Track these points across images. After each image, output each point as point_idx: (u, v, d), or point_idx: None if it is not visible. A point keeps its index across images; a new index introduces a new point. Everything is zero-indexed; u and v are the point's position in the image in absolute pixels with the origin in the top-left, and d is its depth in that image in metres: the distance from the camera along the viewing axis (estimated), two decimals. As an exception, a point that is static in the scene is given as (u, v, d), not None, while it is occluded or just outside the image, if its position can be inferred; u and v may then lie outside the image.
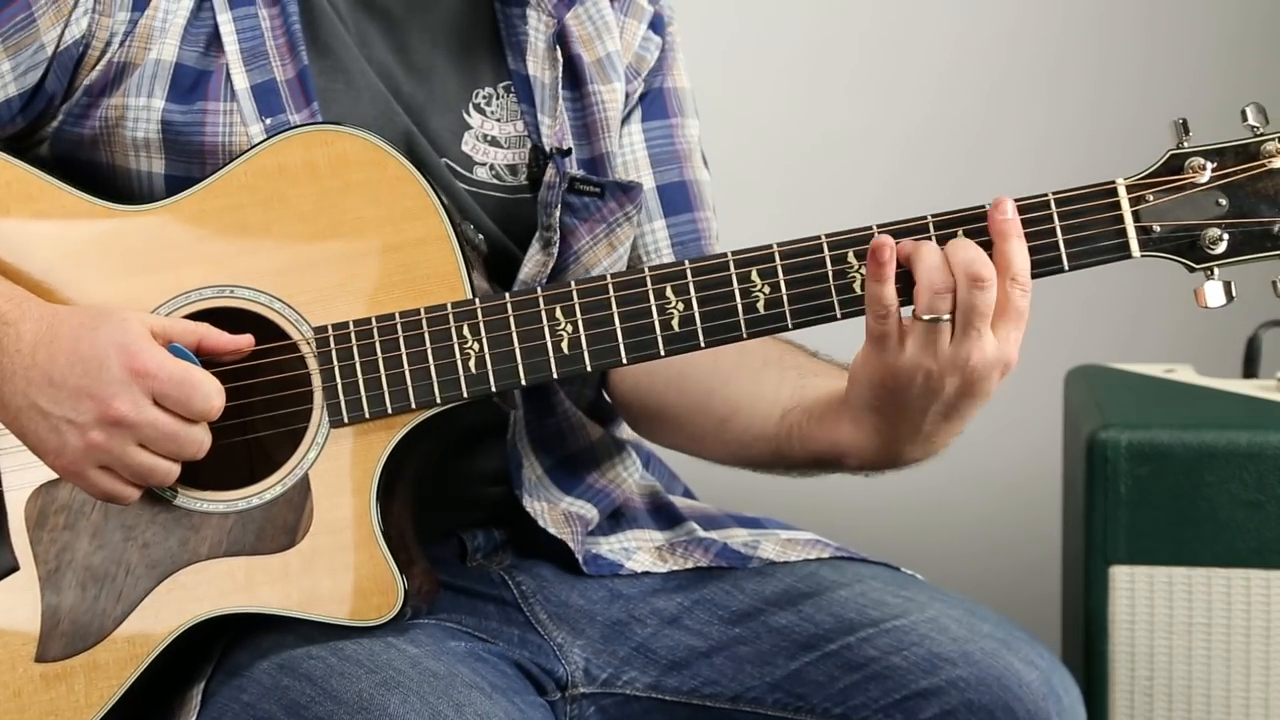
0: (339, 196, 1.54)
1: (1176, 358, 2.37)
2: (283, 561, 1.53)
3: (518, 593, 1.69)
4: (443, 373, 1.53)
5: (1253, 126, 1.50)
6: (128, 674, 1.54)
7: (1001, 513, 2.80)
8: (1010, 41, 2.79)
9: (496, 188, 1.70)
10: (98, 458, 1.50)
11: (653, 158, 1.79)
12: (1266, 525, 1.99)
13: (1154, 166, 1.51)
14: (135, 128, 1.61)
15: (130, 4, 1.61)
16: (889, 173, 2.78)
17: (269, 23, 1.64)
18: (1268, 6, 2.74)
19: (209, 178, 1.56)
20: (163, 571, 1.54)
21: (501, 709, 1.49)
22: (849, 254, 1.51)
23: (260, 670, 1.53)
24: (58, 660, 1.55)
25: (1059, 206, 1.50)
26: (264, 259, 1.54)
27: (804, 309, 1.52)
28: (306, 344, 1.54)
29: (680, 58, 1.84)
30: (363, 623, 1.52)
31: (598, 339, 1.53)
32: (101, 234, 1.57)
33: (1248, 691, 2.01)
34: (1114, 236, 1.50)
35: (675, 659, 1.66)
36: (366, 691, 1.48)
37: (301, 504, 1.53)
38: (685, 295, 1.52)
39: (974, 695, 1.56)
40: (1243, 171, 1.49)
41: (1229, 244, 1.50)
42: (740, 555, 1.72)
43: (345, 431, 1.53)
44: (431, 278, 1.53)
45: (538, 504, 1.71)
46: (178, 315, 1.55)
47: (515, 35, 1.73)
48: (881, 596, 1.65)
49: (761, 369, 1.69)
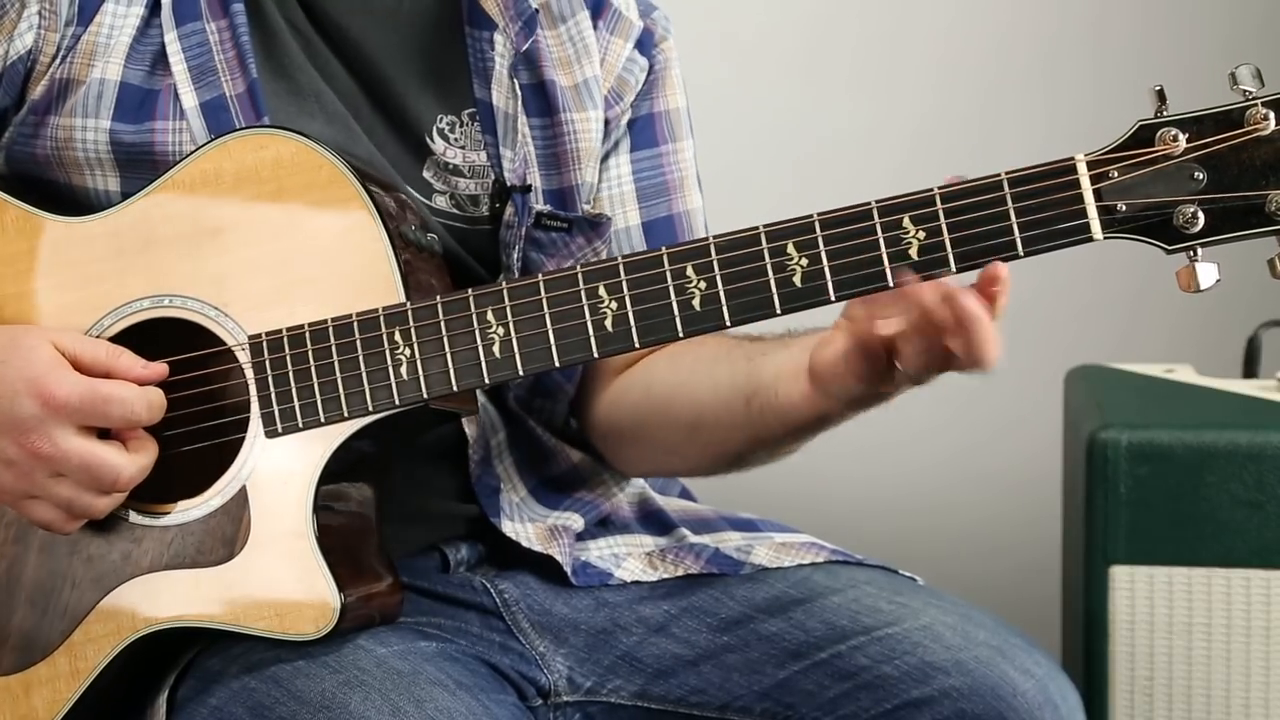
0: (275, 200, 1.52)
1: (1176, 358, 2.37)
2: (221, 574, 1.51)
3: (500, 601, 1.67)
4: (374, 380, 1.49)
5: (1245, 90, 1.36)
6: (75, 687, 1.53)
7: (1001, 513, 2.79)
8: (1009, 40, 2.79)
9: (457, 217, 1.68)
10: (26, 489, 1.49)
11: (640, 192, 1.76)
12: (1266, 525, 1.99)
13: (1120, 139, 1.39)
14: (85, 148, 1.59)
15: (75, 18, 1.59)
16: (889, 172, 2.75)
17: (217, 36, 1.61)
18: (1267, 6, 2.74)
19: (150, 185, 1.55)
20: (106, 585, 1.53)
21: (464, 705, 1.48)
22: (788, 245, 1.42)
23: (229, 675, 1.53)
24: (8, 675, 1.55)
25: (1012, 187, 1.39)
26: (201, 266, 1.53)
27: (742, 304, 1.43)
28: (243, 352, 1.52)
29: (674, 75, 1.79)
30: (299, 636, 1.50)
31: (529, 341, 1.47)
32: (45, 245, 1.56)
33: (1248, 691, 2.00)
34: (1073, 218, 1.38)
35: (661, 667, 1.65)
36: (329, 690, 1.47)
37: (239, 515, 1.51)
38: (619, 294, 1.45)
39: (967, 705, 1.54)
40: (1224, 141, 1.36)
41: (1207, 221, 1.36)
42: (732, 561, 1.70)
43: (282, 441, 1.51)
44: (366, 281, 1.50)
45: (520, 526, 1.69)
46: (117, 328, 1.54)
47: (483, 61, 1.69)
48: (875, 603, 1.63)
49: (714, 365, 1.65)
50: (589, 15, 1.75)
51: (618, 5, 1.77)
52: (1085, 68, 2.77)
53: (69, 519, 1.50)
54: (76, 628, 1.54)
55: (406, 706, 1.45)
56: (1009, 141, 2.75)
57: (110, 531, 1.54)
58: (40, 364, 1.47)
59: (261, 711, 1.48)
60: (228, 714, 1.50)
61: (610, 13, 1.76)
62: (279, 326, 1.51)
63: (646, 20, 1.79)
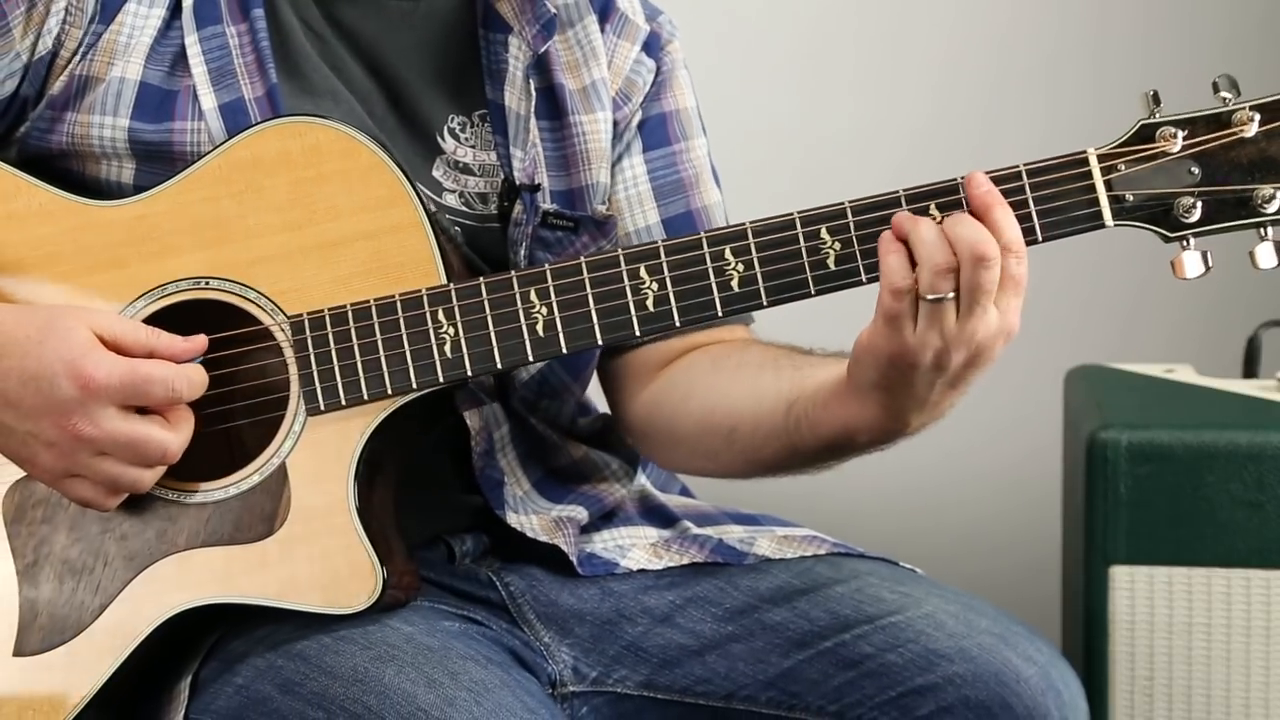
0: (313, 186, 1.54)
1: (1176, 358, 2.37)
2: (261, 551, 1.53)
3: (505, 594, 1.68)
4: (418, 358, 1.52)
5: (1224, 98, 1.48)
6: (105, 666, 1.54)
7: (1001, 513, 2.79)
8: (1010, 40, 2.79)
9: (465, 215, 1.69)
10: (67, 468, 1.50)
11: (656, 190, 1.77)
12: (1266, 525, 1.99)
13: (1125, 136, 1.50)
14: (103, 144, 1.61)
15: (97, 16, 1.60)
16: (889, 171, 2.76)
17: (237, 40, 1.63)
18: (1267, 6, 2.74)
19: (183, 172, 1.56)
20: (140, 563, 1.54)
21: (497, 677, 1.49)
22: (821, 230, 1.50)
23: (254, 655, 1.53)
24: (36, 654, 1.55)
25: (1030, 178, 1.49)
26: (239, 250, 1.54)
27: (778, 285, 1.51)
28: (282, 333, 1.53)
29: (682, 75, 1.81)
30: (342, 609, 1.51)
31: (572, 320, 1.52)
32: (76, 229, 1.57)
33: (1248, 691, 2.00)
34: (1087, 206, 1.49)
35: (667, 657, 1.65)
36: (361, 665, 1.48)
37: (279, 492, 1.53)
38: (659, 275, 1.51)
39: (971, 692, 1.55)
40: (1214, 140, 1.48)
41: (1203, 212, 1.48)
42: (736, 551, 1.71)
43: (322, 419, 1.53)
44: (406, 264, 1.53)
45: (524, 518, 1.70)
46: (154, 309, 1.55)
47: (496, 63, 1.71)
48: (878, 592, 1.64)
49: (759, 372, 1.67)
50: (596, 19, 1.76)
51: (624, 9, 1.79)
52: (1085, 68, 2.77)
53: (110, 494, 1.51)
54: (109, 606, 1.54)
55: (441, 678, 1.46)
56: (1009, 142, 2.74)
57: (144, 509, 1.55)
58: (78, 345, 1.48)
59: (291, 688, 1.49)
60: (255, 691, 1.51)
61: (617, 16, 1.78)
62: (319, 308, 1.52)
63: (653, 24, 1.81)
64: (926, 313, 1.46)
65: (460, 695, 1.45)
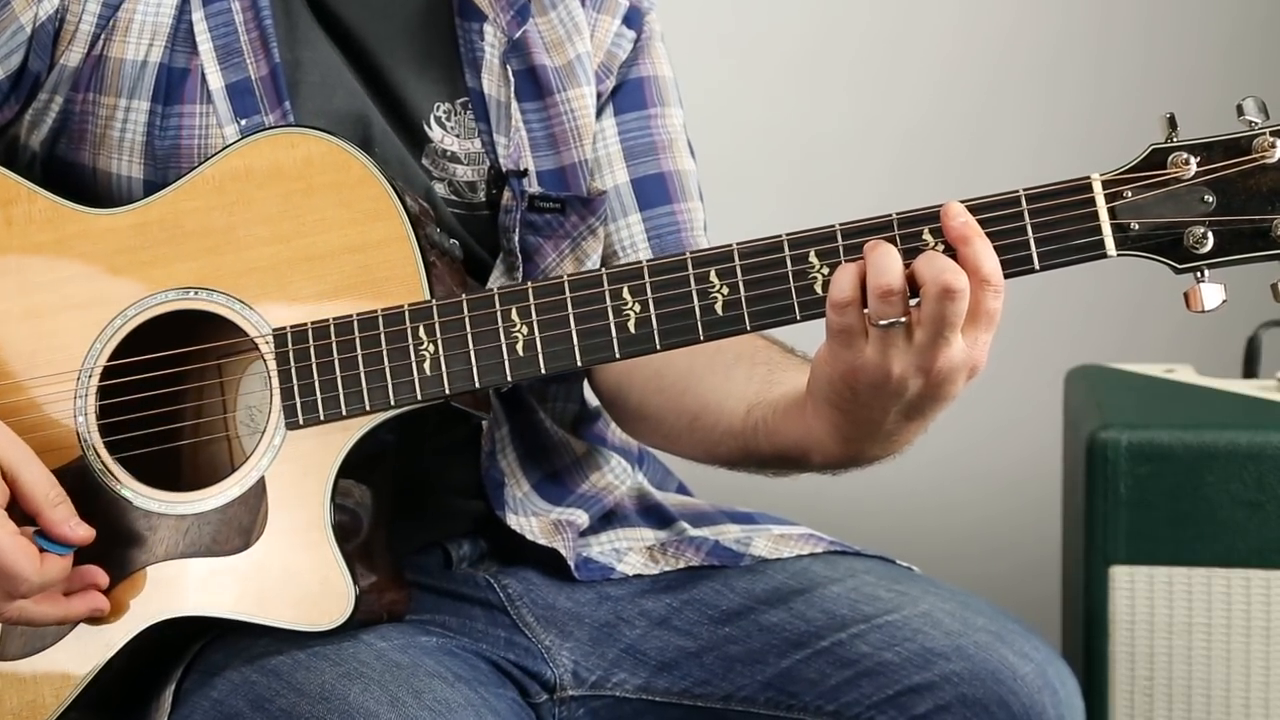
0: (303, 199, 1.54)
1: (1176, 358, 2.37)
2: (237, 564, 1.53)
3: (504, 596, 1.68)
4: (397, 375, 1.51)
5: (1250, 121, 1.40)
6: (84, 674, 1.54)
7: (1001, 513, 2.79)
8: (1009, 40, 2.79)
9: (455, 204, 1.69)
10: None
11: (626, 151, 1.76)
12: (1266, 525, 1.99)
13: (1134, 161, 1.42)
14: (124, 130, 1.62)
15: None
16: (888, 171, 2.78)
17: (241, 16, 1.64)
18: (1267, 6, 2.74)
19: (178, 181, 1.57)
20: (120, 573, 1.54)
21: (462, 695, 1.48)
22: (810, 254, 1.44)
23: (231, 668, 1.53)
24: (15, 659, 1.55)
25: (1030, 203, 1.41)
26: (229, 261, 1.55)
27: (763, 310, 1.45)
28: (265, 345, 1.53)
29: (659, 46, 1.81)
30: (313, 627, 1.51)
31: (552, 341, 1.49)
32: (75, 236, 1.57)
33: (1248, 691, 2.00)
34: (1088, 234, 1.41)
35: (665, 660, 1.65)
36: (329, 683, 1.47)
37: (257, 506, 1.52)
38: (642, 296, 1.47)
39: (968, 689, 1.55)
40: (1232, 166, 1.40)
41: (1215, 242, 1.40)
42: (732, 553, 1.71)
43: (302, 434, 1.52)
44: (392, 279, 1.53)
45: (524, 519, 1.70)
46: (142, 318, 1.55)
47: (473, 51, 1.71)
48: (874, 591, 1.64)
49: (733, 365, 1.65)
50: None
51: None
52: (1086, 69, 2.77)
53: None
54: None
55: (405, 697, 1.46)
56: (1008, 143, 2.75)
57: (125, 519, 1.55)
58: None
59: (262, 704, 1.49)
60: (229, 707, 1.50)
61: None
62: (303, 321, 1.52)
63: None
64: (876, 336, 1.40)
65: (422, 715, 1.45)
